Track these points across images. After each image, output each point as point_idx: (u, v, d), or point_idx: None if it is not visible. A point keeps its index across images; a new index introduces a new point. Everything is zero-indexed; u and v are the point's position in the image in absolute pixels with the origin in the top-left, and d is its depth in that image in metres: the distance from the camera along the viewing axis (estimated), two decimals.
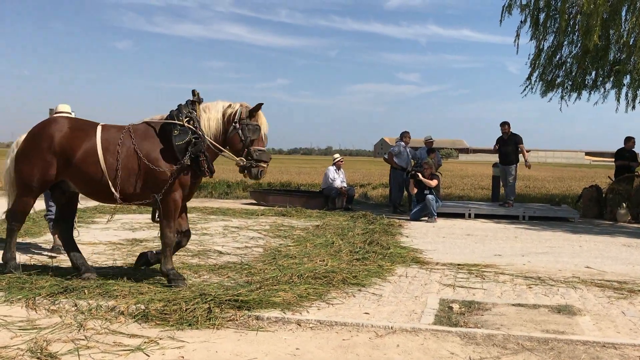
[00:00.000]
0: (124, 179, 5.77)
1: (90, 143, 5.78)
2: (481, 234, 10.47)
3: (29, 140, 5.95)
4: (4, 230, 8.98)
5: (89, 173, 5.77)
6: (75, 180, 5.92)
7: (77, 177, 5.86)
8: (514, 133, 13.90)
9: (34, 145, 5.86)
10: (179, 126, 5.80)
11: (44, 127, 5.93)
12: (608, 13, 12.79)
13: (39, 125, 6.02)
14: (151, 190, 5.78)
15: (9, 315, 4.83)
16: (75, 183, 5.95)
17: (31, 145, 5.89)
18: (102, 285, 5.58)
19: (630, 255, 8.53)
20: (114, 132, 5.89)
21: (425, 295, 5.81)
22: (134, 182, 5.81)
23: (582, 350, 4.30)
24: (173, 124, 5.81)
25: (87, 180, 5.83)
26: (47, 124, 5.99)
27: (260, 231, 10.11)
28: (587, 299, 5.87)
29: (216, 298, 5.11)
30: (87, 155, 5.75)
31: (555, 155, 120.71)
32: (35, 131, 5.96)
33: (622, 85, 14.08)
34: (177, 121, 5.82)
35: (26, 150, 5.91)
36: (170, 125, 5.82)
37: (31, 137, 5.95)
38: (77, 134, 5.83)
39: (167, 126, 5.84)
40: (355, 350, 4.23)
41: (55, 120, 6.04)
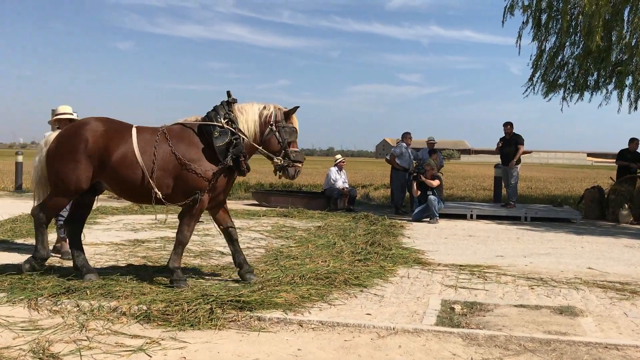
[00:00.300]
0: (162, 180, 5.82)
1: (127, 145, 5.81)
2: (483, 235, 10.46)
3: (63, 141, 5.88)
4: (4, 232, 9.04)
5: (127, 175, 5.78)
6: (111, 182, 5.93)
7: (113, 179, 5.86)
8: (516, 134, 13.89)
9: (70, 146, 5.79)
10: (218, 127, 5.90)
11: (79, 129, 5.87)
12: (610, 14, 12.77)
13: (73, 127, 6.00)
14: (190, 191, 5.83)
15: (11, 315, 4.84)
16: (111, 185, 5.97)
17: (66, 146, 5.82)
18: (104, 286, 5.59)
19: (632, 257, 8.51)
20: (150, 134, 5.93)
21: (427, 296, 5.80)
22: (172, 184, 5.86)
23: (585, 352, 4.29)
24: (212, 125, 5.89)
25: (125, 182, 5.84)
26: (81, 125, 5.93)
27: (262, 232, 10.11)
28: (589, 300, 5.86)
29: (218, 299, 5.11)
30: (125, 158, 5.76)
31: (557, 156, 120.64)
32: (70, 132, 5.91)
33: (624, 86, 14.08)
34: (215, 122, 5.91)
35: (61, 151, 5.84)
36: (210, 126, 5.90)
37: (65, 138, 5.89)
38: (113, 136, 5.82)
39: (206, 127, 5.91)
40: (357, 351, 4.23)
41: (89, 122, 5.95)
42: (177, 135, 5.95)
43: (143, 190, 5.83)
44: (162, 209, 6.85)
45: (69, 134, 5.90)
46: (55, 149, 5.91)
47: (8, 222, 9.93)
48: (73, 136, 5.84)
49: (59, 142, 5.92)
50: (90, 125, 5.88)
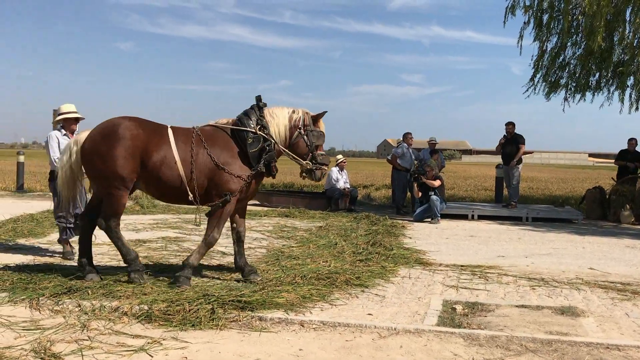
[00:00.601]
0: (198, 182, 5.89)
1: (166, 146, 5.85)
2: (484, 235, 10.45)
3: (101, 140, 5.78)
4: (5, 232, 9.05)
5: (165, 176, 5.82)
6: (147, 182, 5.93)
7: (151, 179, 5.88)
8: (517, 134, 13.88)
9: (110, 145, 5.72)
10: (251, 133, 6.04)
11: (117, 128, 5.78)
12: (612, 14, 12.78)
13: (109, 127, 5.84)
14: (222, 194, 5.91)
15: (12, 315, 4.85)
16: (147, 185, 5.98)
17: (107, 145, 5.73)
18: (105, 286, 5.60)
19: (634, 257, 8.51)
20: (185, 136, 5.97)
21: (428, 297, 5.80)
22: (206, 186, 5.93)
23: (586, 352, 4.29)
24: (245, 131, 6.03)
25: (162, 183, 5.87)
26: (118, 125, 5.82)
27: (264, 232, 10.11)
28: (590, 300, 5.85)
29: (219, 299, 5.11)
30: (165, 159, 5.81)
31: (559, 156, 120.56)
32: (107, 132, 5.80)
33: (625, 87, 14.08)
34: (248, 128, 6.05)
35: (101, 150, 5.74)
36: (243, 132, 6.03)
37: (103, 137, 5.78)
38: (152, 137, 5.84)
39: (240, 133, 6.04)
40: (359, 352, 4.23)
41: (125, 121, 5.87)
42: (211, 137, 6.03)
43: (179, 191, 5.90)
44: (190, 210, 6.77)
45: (107, 133, 5.78)
46: (94, 148, 5.79)
47: (10, 222, 9.94)
48: (112, 135, 5.75)
49: (96, 141, 5.80)
50: (127, 125, 5.83)
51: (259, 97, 6.32)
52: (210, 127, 6.18)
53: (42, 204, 13.50)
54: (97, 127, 5.93)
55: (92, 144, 5.82)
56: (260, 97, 6.32)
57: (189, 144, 5.90)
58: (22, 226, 9.62)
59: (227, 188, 5.91)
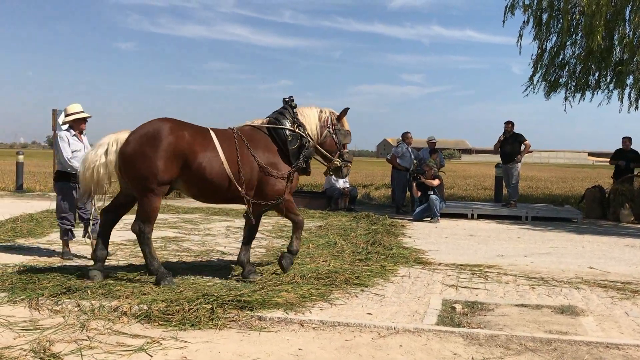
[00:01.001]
0: (246, 181, 6.03)
1: (212, 148, 5.93)
2: (484, 235, 10.45)
3: (145, 142, 5.74)
4: (4, 231, 9.04)
5: (211, 177, 5.89)
6: (190, 183, 5.96)
7: (194, 180, 5.92)
8: (516, 132, 13.87)
9: (154, 147, 5.70)
10: (289, 131, 6.26)
11: (160, 130, 5.78)
12: (611, 13, 12.77)
13: (152, 128, 5.83)
14: (269, 191, 6.14)
15: (12, 315, 4.84)
16: (189, 185, 6.01)
17: (150, 147, 5.70)
18: (104, 286, 5.60)
19: (633, 256, 8.51)
20: (227, 137, 6.08)
21: (428, 296, 5.80)
22: (253, 185, 6.11)
23: (585, 351, 4.29)
24: (283, 128, 6.24)
25: (207, 184, 5.93)
26: (161, 126, 5.82)
27: (263, 231, 10.10)
28: (590, 299, 5.85)
29: (219, 298, 5.11)
30: (211, 161, 5.89)
31: (558, 155, 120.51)
32: (151, 134, 5.77)
33: (625, 86, 14.07)
34: (286, 126, 6.27)
35: (147, 152, 5.69)
36: (282, 130, 6.24)
37: (147, 139, 5.75)
38: (197, 139, 5.89)
39: (278, 131, 6.26)
40: (358, 351, 4.23)
41: (167, 123, 5.88)
42: (252, 138, 6.18)
43: (224, 192, 6.01)
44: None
45: (152, 135, 5.76)
46: (138, 150, 5.72)
47: (9, 222, 9.93)
48: (157, 137, 5.74)
49: (141, 143, 5.75)
50: (171, 127, 5.85)
51: (291, 97, 6.54)
52: (249, 127, 6.33)
53: (42, 203, 13.49)
54: (141, 129, 5.88)
55: (137, 145, 5.75)
56: (292, 97, 6.54)
57: (232, 144, 6.02)
58: (21, 226, 9.61)
59: (274, 186, 6.15)
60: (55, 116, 16.18)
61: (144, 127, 5.90)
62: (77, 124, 7.51)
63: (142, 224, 5.86)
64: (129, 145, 5.78)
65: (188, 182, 5.95)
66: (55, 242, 8.44)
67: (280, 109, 6.48)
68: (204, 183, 5.92)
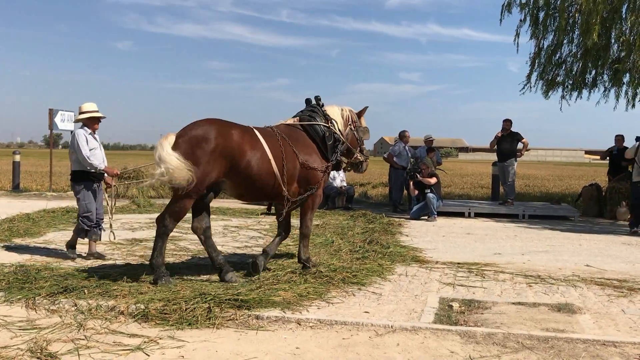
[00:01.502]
0: (289, 178, 6.20)
1: (259, 147, 6.00)
2: (481, 233, 10.47)
3: (195, 143, 5.70)
4: (1, 231, 9.02)
5: (259, 176, 5.98)
6: (237, 182, 6.00)
7: (243, 179, 5.96)
8: (513, 131, 13.89)
9: (204, 148, 5.69)
10: (324, 127, 6.57)
11: (209, 130, 5.77)
12: (608, 11, 12.77)
13: (200, 129, 5.80)
14: (309, 188, 6.39)
15: (8, 315, 4.84)
16: (235, 185, 6.04)
17: (200, 148, 5.69)
18: (101, 285, 5.59)
19: (630, 254, 8.53)
20: (270, 136, 6.19)
21: (425, 294, 5.81)
22: (296, 182, 6.31)
23: (582, 349, 4.30)
24: (318, 125, 6.56)
25: (255, 183, 6.01)
26: (209, 128, 5.81)
27: (260, 230, 10.11)
28: (587, 297, 5.87)
29: (216, 297, 5.11)
30: (260, 160, 5.96)
31: (555, 153, 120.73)
32: (200, 135, 5.74)
33: (621, 84, 14.06)
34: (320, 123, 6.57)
35: (196, 152, 5.66)
36: (318, 126, 6.54)
37: (196, 141, 5.71)
38: (244, 138, 5.93)
39: (315, 127, 6.54)
40: (356, 349, 4.23)
41: (215, 124, 5.90)
42: (291, 135, 6.36)
43: (270, 189, 6.14)
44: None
45: (203, 137, 5.73)
46: (186, 152, 5.64)
47: (5, 222, 9.91)
48: (206, 139, 5.72)
49: (189, 145, 5.69)
50: (218, 128, 5.85)
51: (318, 97, 6.84)
52: (287, 126, 6.54)
53: (38, 203, 13.46)
54: (190, 131, 5.81)
55: (187, 147, 5.68)
56: (319, 97, 6.84)
57: (276, 142, 6.14)
58: (18, 226, 9.59)
59: (313, 180, 6.40)
60: (52, 115, 16.19)
61: (192, 129, 5.84)
62: (91, 122, 7.37)
63: (168, 219, 5.82)
64: (180, 148, 5.68)
65: (235, 181, 5.98)
66: (52, 242, 8.43)
67: (310, 107, 6.74)
68: (251, 182, 5.99)
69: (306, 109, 6.75)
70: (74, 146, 7.22)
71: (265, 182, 6.04)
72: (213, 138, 5.73)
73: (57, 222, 10.44)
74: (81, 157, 7.15)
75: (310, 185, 6.39)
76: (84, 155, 7.13)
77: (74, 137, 7.27)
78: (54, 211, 11.58)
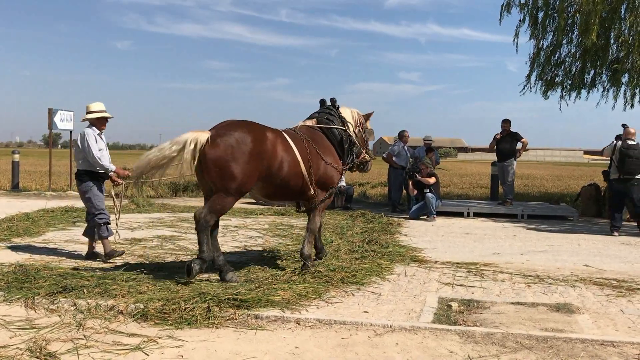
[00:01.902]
0: (315, 178, 6.47)
1: (290, 150, 6.23)
2: (480, 233, 10.47)
3: (235, 145, 5.77)
4: (0, 231, 9.02)
5: (290, 178, 6.23)
6: (267, 183, 6.16)
7: (272, 179, 6.15)
8: (513, 131, 13.90)
9: (243, 150, 5.78)
10: (342, 130, 6.93)
11: (246, 133, 5.88)
12: (607, 12, 12.78)
13: (236, 131, 5.87)
14: (329, 188, 6.73)
15: (8, 314, 4.84)
16: (266, 185, 6.20)
17: (239, 150, 5.77)
18: (101, 285, 5.59)
19: (629, 254, 8.54)
20: (296, 138, 6.42)
21: (424, 294, 5.81)
22: (318, 182, 6.54)
23: (581, 349, 4.31)
24: (336, 128, 6.90)
25: (285, 182, 6.23)
26: (247, 130, 5.92)
27: (259, 230, 10.11)
28: (585, 297, 5.87)
29: (215, 297, 5.11)
30: (291, 162, 6.20)
31: (554, 153, 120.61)
32: (240, 137, 5.82)
33: (620, 84, 14.07)
34: (337, 126, 6.91)
35: (235, 155, 5.75)
36: (334, 130, 6.88)
37: (236, 143, 5.78)
38: (278, 141, 6.13)
39: (335, 130, 6.88)
40: (355, 349, 4.23)
41: (250, 125, 6.04)
42: (314, 138, 6.62)
43: (298, 189, 6.40)
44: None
45: (240, 139, 5.82)
46: (230, 153, 5.74)
47: (5, 221, 9.90)
48: (245, 142, 5.82)
49: (232, 146, 5.77)
50: (256, 130, 5.99)
51: (334, 99, 7.13)
52: (307, 128, 6.76)
53: (38, 202, 13.46)
54: (228, 132, 5.85)
55: (228, 149, 5.75)
56: (334, 99, 7.14)
57: (302, 144, 6.37)
58: (17, 225, 9.58)
59: (333, 182, 6.74)
60: (51, 115, 16.18)
61: (229, 130, 5.89)
62: (99, 122, 7.30)
63: (208, 215, 5.88)
64: (218, 149, 5.74)
65: (266, 182, 6.14)
66: (51, 241, 8.43)
67: (326, 109, 7.03)
68: (281, 183, 6.20)
69: (323, 110, 7.01)
70: (84, 146, 7.10)
71: (294, 183, 6.30)
72: (251, 141, 5.84)
73: (57, 221, 10.44)
74: (91, 157, 7.06)
75: (329, 186, 6.70)
76: (95, 155, 7.05)
77: (84, 137, 7.12)
78: (53, 211, 11.57)
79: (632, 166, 10.39)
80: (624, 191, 10.59)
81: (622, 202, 10.80)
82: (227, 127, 5.94)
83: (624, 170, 10.44)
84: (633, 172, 10.42)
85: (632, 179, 10.44)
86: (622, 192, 10.64)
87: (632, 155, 10.37)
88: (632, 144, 10.52)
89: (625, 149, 10.45)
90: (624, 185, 10.55)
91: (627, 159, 10.38)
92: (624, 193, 10.63)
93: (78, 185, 7.36)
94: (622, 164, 10.46)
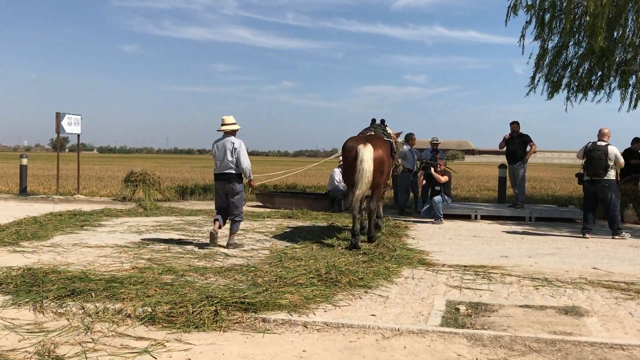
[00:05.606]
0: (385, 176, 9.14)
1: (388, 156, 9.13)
2: (487, 235, 10.44)
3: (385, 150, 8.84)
4: (9, 234, 9.06)
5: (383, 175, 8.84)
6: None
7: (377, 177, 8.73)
8: (522, 133, 13.87)
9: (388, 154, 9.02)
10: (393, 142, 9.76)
11: (380, 146, 8.64)
12: (614, 13, 12.73)
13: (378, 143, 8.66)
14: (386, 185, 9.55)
15: (16, 318, 4.86)
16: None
17: (387, 154, 8.87)
18: (108, 288, 5.60)
19: (637, 256, 8.49)
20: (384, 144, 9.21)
21: (431, 297, 5.80)
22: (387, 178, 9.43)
23: (590, 352, 4.29)
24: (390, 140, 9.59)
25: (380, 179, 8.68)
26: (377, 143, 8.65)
27: (267, 233, 10.11)
28: (594, 300, 5.84)
29: (223, 300, 5.12)
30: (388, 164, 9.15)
31: (562, 156, 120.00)
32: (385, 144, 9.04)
33: (627, 86, 14.01)
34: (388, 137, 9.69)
35: (385, 157, 8.74)
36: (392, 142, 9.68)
37: (384, 148, 8.83)
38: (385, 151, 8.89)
39: (392, 142, 9.68)
40: (362, 352, 4.23)
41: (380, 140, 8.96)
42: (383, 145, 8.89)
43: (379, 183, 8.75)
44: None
45: (384, 146, 8.87)
46: (385, 157, 8.70)
47: (13, 225, 9.96)
48: (387, 147, 9.00)
49: (385, 150, 8.79)
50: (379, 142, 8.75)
51: (383, 120, 10.08)
52: (375, 137, 8.98)
53: (46, 206, 13.53)
54: (378, 142, 8.70)
55: (383, 153, 8.63)
56: (384, 120, 10.08)
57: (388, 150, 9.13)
58: (25, 229, 9.63)
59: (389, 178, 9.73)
60: (59, 119, 16.27)
61: (376, 141, 8.69)
62: (234, 134, 8.55)
63: (378, 203, 9.05)
64: (380, 153, 8.56)
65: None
66: (59, 245, 8.46)
67: (379, 125, 9.86)
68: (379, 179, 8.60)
69: (379, 126, 9.79)
70: (239, 153, 8.34)
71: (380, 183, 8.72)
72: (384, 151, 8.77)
73: (65, 225, 10.47)
74: (246, 164, 8.42)
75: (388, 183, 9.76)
76: (249, 163, 8.51)
77: (240, 145, 8.41)
78: (61, 214, 11.61)
79: (591, 168, 10.30)
80: (595, 192, 10.49)
81: (592, 203, 10.68)
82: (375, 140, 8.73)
83: (589, 172, 10.36)
84: (593, 173, 10.29)
85: (601, 180, 10.28)
86: (593, 193, 10.54)
87: (595, 156, 10.26)
88: (599, 144, 10.38)
89: (589, 150, 10.37)
90: (593, 186, 10.44)
91: (590, 160, 10.30)
92: (595, 194, 10.52)
93: (232, 185, 8.50)
94: (586, 164, 10.39)
